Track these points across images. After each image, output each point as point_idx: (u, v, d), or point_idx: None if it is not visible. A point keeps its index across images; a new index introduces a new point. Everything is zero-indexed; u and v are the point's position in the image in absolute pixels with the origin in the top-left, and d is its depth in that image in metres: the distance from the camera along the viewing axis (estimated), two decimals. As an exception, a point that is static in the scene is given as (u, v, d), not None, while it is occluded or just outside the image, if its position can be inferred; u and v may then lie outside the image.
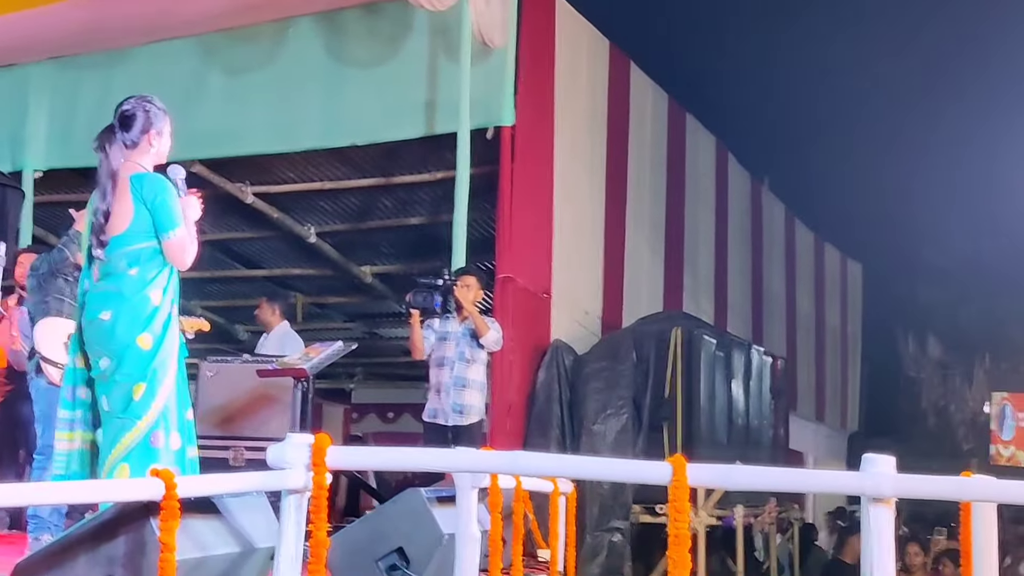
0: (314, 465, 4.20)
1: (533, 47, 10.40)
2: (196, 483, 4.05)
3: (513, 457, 4.38)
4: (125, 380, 5.23)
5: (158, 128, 5.53)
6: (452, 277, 9.00)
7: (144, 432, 5.20)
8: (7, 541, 8.07)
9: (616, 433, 10.09)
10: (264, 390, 8.90)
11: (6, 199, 10.46)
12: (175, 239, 5.32)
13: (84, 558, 3.99)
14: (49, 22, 10.18)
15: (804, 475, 4.86)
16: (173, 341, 5.38)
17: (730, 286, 15.47)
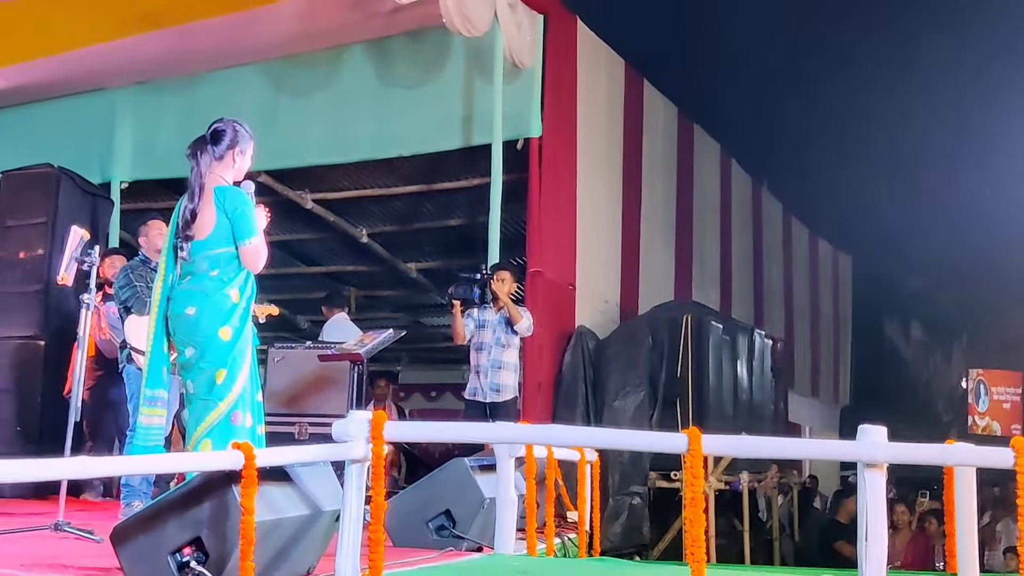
0: (373, 438, 4.28)
1: (557, 67, 10.41)
2: (271, 454, 4.11)
3: (546, 430, 4.44)
4: (209, 367, 5.31)
5: (242, 147, 5.60)
6: (488, 272, 9.05)
7: (225, 412, 5.28)
8: (102, 508, 8.16)
9: (634, 408, 10.10)
10: (324, 372, 8.95)
11: (96, 207, 10.49)
12: (251, 246, 5.39)
13: (174, 521, 4.05)
14: (134, 51, 10.23)
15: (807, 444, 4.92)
16: (249, 333, 5.46)
17: (734, 277, 15.44)
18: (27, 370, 9.56)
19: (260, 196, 11.44)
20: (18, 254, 9.90)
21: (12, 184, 10.20)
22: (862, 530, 3.88)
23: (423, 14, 9.30)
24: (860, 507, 3.96)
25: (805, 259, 19.38)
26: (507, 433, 4.57)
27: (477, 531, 5.89)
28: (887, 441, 3.91)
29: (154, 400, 5.46)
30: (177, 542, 4.03)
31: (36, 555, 5.00)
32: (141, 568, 4.05)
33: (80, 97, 11.53)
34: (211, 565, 3.98)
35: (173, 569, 4.01)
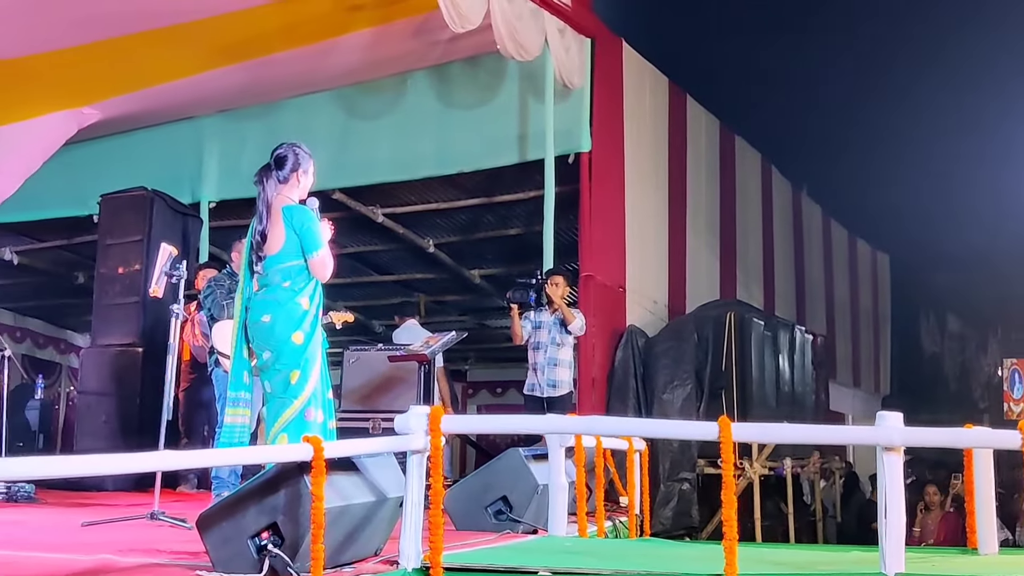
0: (431, 431, 4.35)
1: (605, 86, 10.43)
2: (338, 446, 4.19)
3: (590, 421, 4.49)
4: (284, 368, 5.44)
5: (304, 168, 5.73)
6: (543, 276, 9.13)
7: (299, 409, 5.39)
8: (196, 499, 8.33)
9: (682, 401, 10.09)
10: (395, 372, 9.05)
11: (187, 225, 10.71)
12: (318, 258, 5.51)
13: (253, 508, 4.14)
14: (218, 83, 10.35)
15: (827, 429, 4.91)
16: (319, 337, 5.58)
17: (776, 277, 15.33)
18: (127, 375, 9.81)
19: (335, 212, 11.77)
20: (117, 270, 10.16)
21: (111, 206, 10.47)
22: (881, 508, 3.88)
23: (479, 41, 9.35)
24: (879, 487, 3.96)
25: (844, 259, 19.19)
26: (555, 424, 4.63)
27: (532, 515, 5.94)
28: (903, 426, 3.91)
29: (236, 401, 5.60)
30: (256, 527, 4.12)
31: (132, 541, 5.14)
32: (224, 551, 4.15)
33: (171, 125, 11.74)
34: (286, 548, 4.07)
35: (252, 552, 4.11)
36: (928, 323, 23.81)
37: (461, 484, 6.25)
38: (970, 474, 4.86)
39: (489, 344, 16.75)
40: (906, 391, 21.58)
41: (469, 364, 18.97)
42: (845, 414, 18.22)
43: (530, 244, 11.19)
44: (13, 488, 7.72)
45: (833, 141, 19.79)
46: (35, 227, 13.36)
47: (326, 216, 5.77)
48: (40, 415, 12.97)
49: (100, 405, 9.84)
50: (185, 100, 10.91)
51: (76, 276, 14.74)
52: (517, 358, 12.79)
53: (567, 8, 9.86)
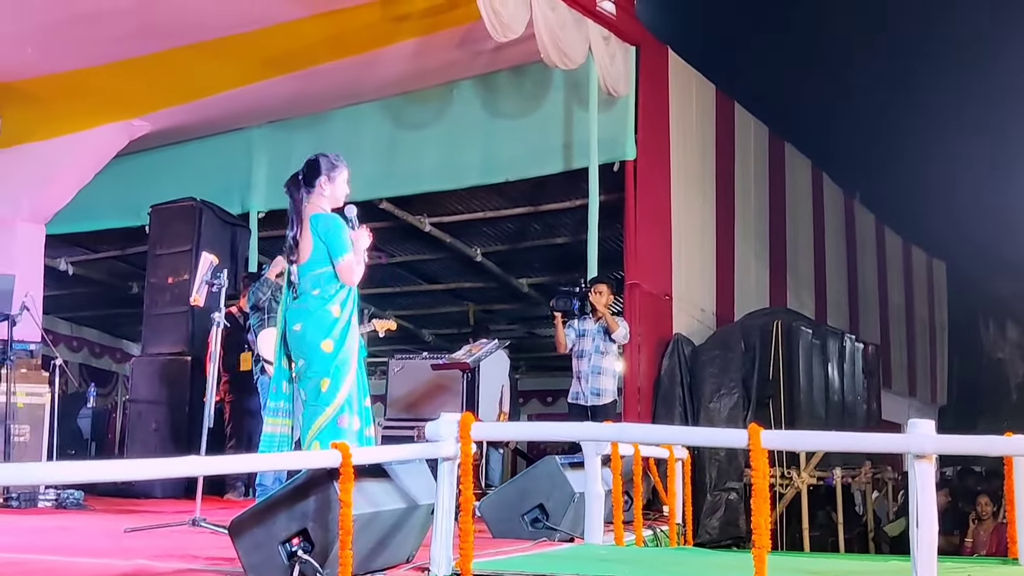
0: (461, 438, 4.36)
1: (650, 93, 10.41)
2: (367, 453, 4.21)
3: (623, 428, 4.49)
4: (315, 376, 5.49)
5: (331, 174, 5.78)
6: (587, 285, 9.13)
7: (332, 416, 5.43)
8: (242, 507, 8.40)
9: (729, 409, 10.02)
10: (439, 380, 9.12)
11: (235, 235, 10.84)
12: (344, 263, 5.56)
13: (284, 514, 4.16)
14: (266, 94, 10.47)
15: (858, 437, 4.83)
16: (352, 344, 5.59)
17: (828, 285, 15.16)
18: (176, 383, 9.94)
19: (383, 221, 11.84)
20: (167, 279, 10.32)
21: (160, 217, 10.64)
22: (913, 517, 3.83)
23: (524, 50, 9.37)
24: (911, 494, 3.91)
25: (899, 266, 18.93)
26: (587, 432, 4.62)
27: (568, 523, 5.93)
28: (935, 433, 3.86)
29: (276, 411, 5.66)
30: (287, 533, 4.15)
31: (170, 547, 5.20)
32: (255, 557, 4.18)
33: (220, 136, 11.87)
34: (316, 554, 4.09)
35: (283, 558, 4.13)
36: (987, 331, 23.43)
37: (497, 492, 6.26)
38: (1011, 483, 4.78)
39: (539, 353, 16.75)
40: (965, 400, 21.25)
41: (519, 373, 18.98)
42: (900, 424, 17.97)
43: (577, 253, 11.15)
44: (62, 495, 7.86)
45: (886, 147, 19.56)
46: (89, 238, 13.61)
47: (372, 225, 5.82)
48: (92, 423, 13.16)
49: (150, 413, 9.99)
50: (234, 111, 11.04)
51: (130, 286, 14.96)
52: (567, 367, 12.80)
53: (611, 16, 9.85)
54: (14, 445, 8.41)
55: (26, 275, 9.99)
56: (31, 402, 8.92)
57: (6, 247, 10.62)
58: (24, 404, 8.82)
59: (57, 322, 16.83)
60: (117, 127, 10.71)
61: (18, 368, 8.73)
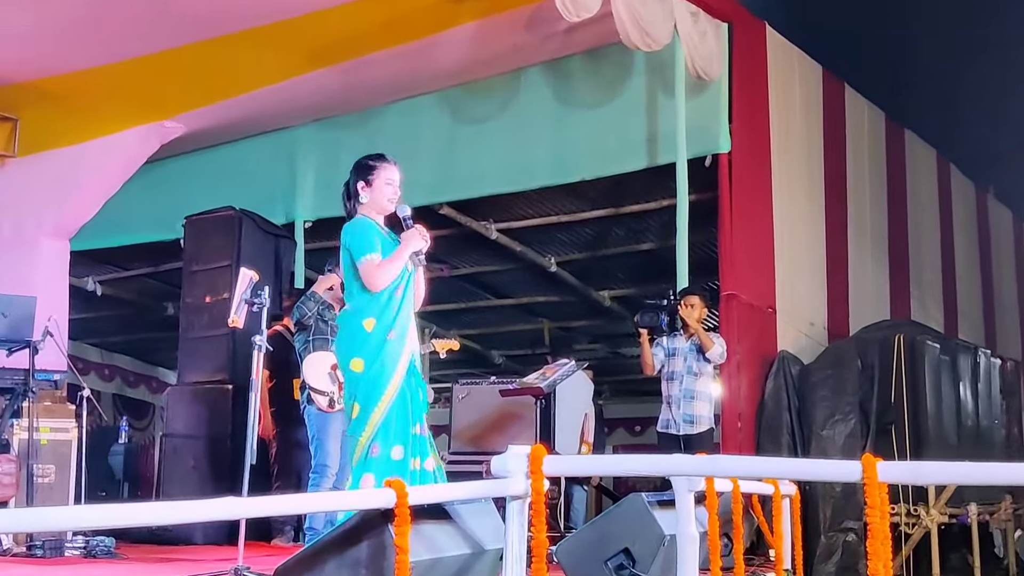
0: (532, 473, 4.34)
1: (746, 76, 10.32)
2: (425, 491, 4.23)
3: (714, 460, 4.43)
4: (348, 400, 5.56)
5: (365, 179, 5.86)
6: (676, 297, 9.09)
7: (365, 446, 5.46)
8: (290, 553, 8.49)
9: (844, 438, 9.87)
10: (510, 408, 9.15)
11: (279, 248, 10.97)
12: (363, 264, 5.62)
13: (333, 561, 4.20)
14: (312, 88, 10.59)
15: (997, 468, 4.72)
16: (390, 363, 5.57)
17: (959, 293, 14.90)
18: (216, 415, 10.06)
19: (443, 228, 11.90)
20: (204, 298, 10.47)
21: (196, 229, 10.80)
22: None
23: (600, 31, 9.37)
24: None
25: (1044, 270, 18.57)
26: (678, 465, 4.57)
27: (658, 569, 5.89)
28: (1082, 463, 3.77)
29: None
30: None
31: (209, 599, 5.27)
32: (303, 609, 4.22)
33: (260, 138, 12.05)
34: (371, 605, 4.12)
35: (335, 609, 4.17)
36: None
37: (575, 535, 6.25)
38: None
39: (625, 375, 16.70)
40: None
41: (603, 399, 18.91)
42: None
43: (665, 260, 11.10)
44: (92, 543, 7.98)
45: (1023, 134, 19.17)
46: (118, 254, 13.84)
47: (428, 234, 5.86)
48: (125, 461, 13.38)
49: (187, 449, 10.12)
50: (275, 109, 11.18)
51: (165, 307, 15.21)
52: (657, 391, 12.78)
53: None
54: (38, 487, 8.58)
55: (49, 297, 10.22)
56: (56, 439, 9.10)
57: (27, 266, 10.83)
58: (48, 441, 9.00)
59: (86, 348, 17.17)
60: (147, 130, 10.89)
61: (41, 401, 8.92)
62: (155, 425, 18.16)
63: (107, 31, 9.20)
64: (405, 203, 5.92)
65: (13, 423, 8.76)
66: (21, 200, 11.08)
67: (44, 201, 10.99)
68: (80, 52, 9.55)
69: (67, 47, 9.43)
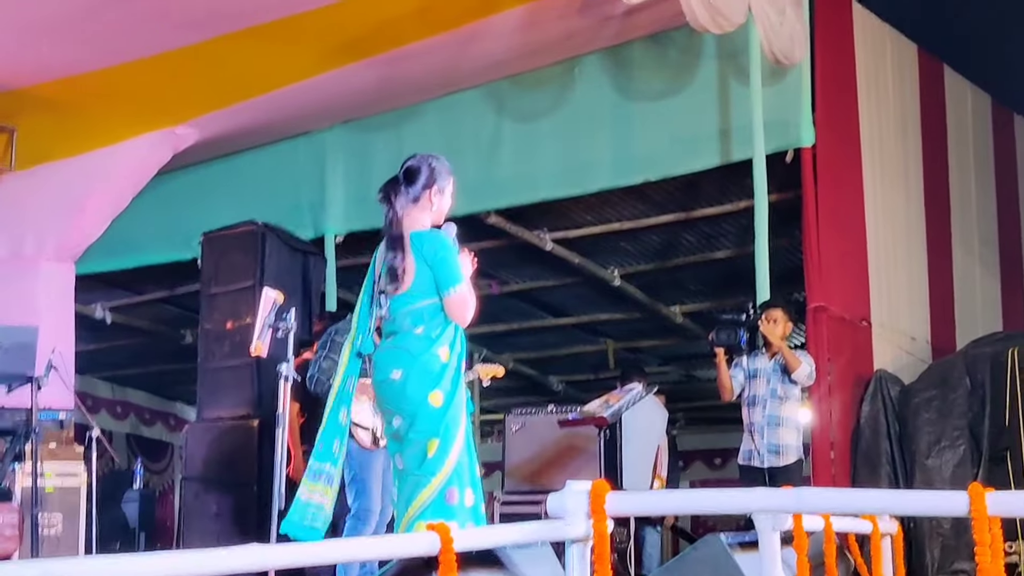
0: (593, 512, 4.33)
1: (831, 60, 10.26)
2: (473, 536, 4.20)
3: (799, 493, 4.37)
4: (419, 437, 5.54)
5: (440, 186, 5.85)
6: (757, 311, 9.04)
7: (438, 488, 5.47)
8: (327, 606, 8.52)
9: (953, 467, 9.79)
10: (570, 440, 9.13)
11: (307, 265, 11.03)
12: (456, 295, 5.59)
13: (372, 616, 4.22)
14: (341, 85, 10.64)
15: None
16: (462, 396, 5.66)
17: (1083, 299, 14.77)
18: (240, 455, 10.12)
19: (492, 239, 11.95)
20: (225, 324, 10.52)
21: (214, 246, 10.88)
22: None
23: (664, 13, 9.38)
24: None
25: None
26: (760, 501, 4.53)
27: (742, 621, 5.85)
28: None
29: (318, 474, 5.72)
30: (376, 640, 4.19)
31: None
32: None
33: (285, 144, 12.13)
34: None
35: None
36: None
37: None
38: None
39: (701, 401, 16.66)
40: None
41: (677, 429, 18.87)
42: None
43: (743, 269, 11.07)
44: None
45: None
46: (129, 277, 13.95)
47: (479, 245, 5.89)
48: (141, 507, 13.47)
49: (209, 493, 10.20)
50: (301, 110, 11.24)
51: (183, 335, 15.34)
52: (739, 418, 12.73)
53: (775, -37, 9.79)
54: (44, 539, 8.66)
55: (53, 326, 10.30)
56: (63, 485, 9.19)
57: (27, 292, 10.93)
58: (55, 488, 9.10)
59: (95, 383, 17.34)
60: (157, 137, 10.97)
61: (46, 443, 9.01)
62: (173, 467, 18.31)
63: (111, 29, 9.27)
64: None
65: (15, 468, 8.83)
66: (20, 218, 11.19)
67: (45, 219, 11.10)
68: (81, 53, 9.63)
69: (67, 48, 9.50)
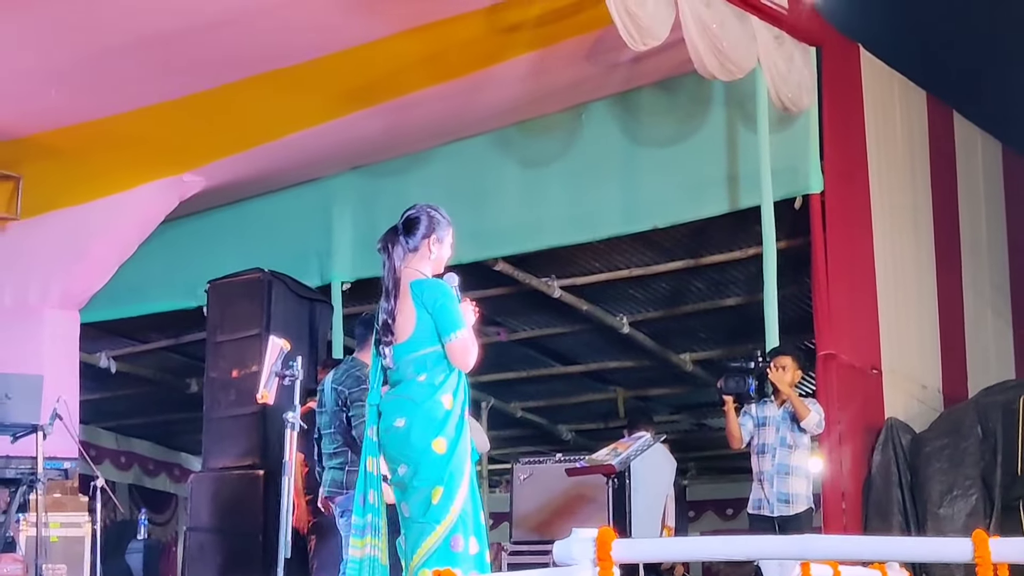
0: (599, 560, 4.40)
1: (839, 106, 10.35)
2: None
3: (801, 540, 4.45)
4: (423, 485, 5.59)
5: (439, 235, 5.93)
6: (765, 359, 9.08)
7: (443, 536, 5.53)
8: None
9: (965, 516, 9.79)
10: (579, 489, 9.17)
11: (314, 313, 11.06)
12: (458, 340, 5.67)
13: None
14: (349, 132, 10.74)
15: None
16: (466, 443, 5.72)
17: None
18: (246, 505, 10.12)
19: (499, 287, 12.01)
20: (231, 373, 10.55)
21: (220, 294, 10.93)
22: None
23: (672, 59, 9.46)
24: None
25: None
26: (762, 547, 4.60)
27: (749, 670, 5.91)
28: None
29: (362, 529, 5.78)
30: None
31: None
32: None
33: (291, 191, 12.23)
34: None
35: None
36: None
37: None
38: None
39: (712, 450, 16.67)
40: None
41: (688, 479, 18.86)
42: None
43: (753, 317, 11.10)
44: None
45: None
46: (134, 325, 14.06)
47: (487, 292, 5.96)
48: (145, 559, 13.47)
49: (214, 544, 10.22)
50: (308, 157, 11.36)
51: (188, 383, 15.36)
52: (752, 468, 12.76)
53: (782, 11, 9.87)
54: (48, 589, 8.68)
55: (58, 375, 10.38)
56: (67, 535, 9.25)
57: (32, 340, 11.00)
58: (59, 538, 9.15)
59: (99, 433, 17.36)
60: (164, 185, 11.10)
61: (50, 493, 9.04)
62: (178, 519, 18.31)
63: (118, 76, 9.40)
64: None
65: (19, 518, 8.84)
66: (25, 266, 11.28)
67: (50, 267, 11.21)
68: (89, 100, 9.76)
69: (74, 95, 9.63)
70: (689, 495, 19.26)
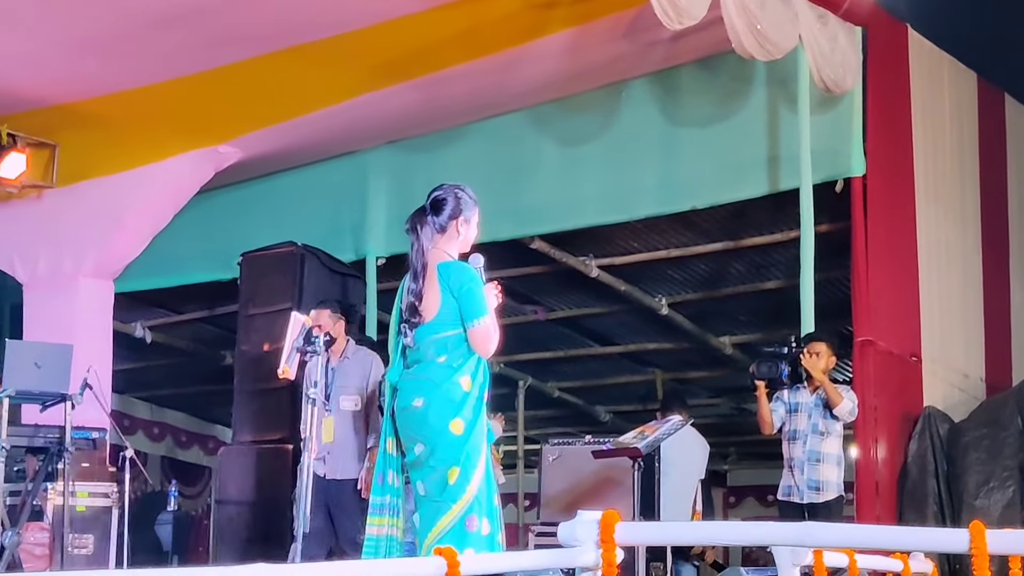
0: (603, 542, 4.54)
1: (884, 88, 10.34)
2: (480, 561, 4.40)
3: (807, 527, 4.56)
4: (440, 465, 5.77)
5: (467, 216, 6.09)
6: (799, 344, 9.15)
7: (459, 515, 5.71)
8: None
9: (1002, 508, 9.81)
10: (606, 472, 9.26)
11: (347, 288, 11.14)
12: (480, 327, 5.83)
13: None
14: (384, 107, 10.84)
15: None
16: (483, 426, 5.89)
17: None
18: (275, 479, 10.25)
19: (535, 265, 12.09)
20: (262, 346, 10.64)
21: (253, 267, 11.04)
22: None
23: (712, 38, 9.42)
24: None
25: None
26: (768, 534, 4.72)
27: (761, 656, 6.01)
28: None
29: (380, 507, 5.96)
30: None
31: None
32: None
33: (326, 164, 12.37)
34: None
35: None
36: None
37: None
38: None
39: (753, 435, 16.64)
40: None
41: (729, 463, 18.90)
42: None
43: (794, 300, 11.14)
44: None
45: None
46: (169, 296, 14.30)
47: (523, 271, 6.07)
48: (175, 530, 13.63)
49: (241, 518, 10.38)
50: (343, 131, 11.46)
51: (223, 355, 15.55)
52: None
53: (827, -12, 9.90)
54: (74, 559, 8.82)
55: (90, 344, 10.55)
56: (95, 504, 9.40)
57: (65, 310, 11.18)
58: (86, 508, 9.29)
59: (134, 403, 17.55)
60: (199, 156, 11.28)
61: (78, 462, 9.18)
62: (209, 491, 18.49)
63: (156, 47, 9.53)
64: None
65: (47, 487, 8.99)
66: (59, 235, 11.49)
67: (84, 236, 11.39)
68: (125, 70, 9.92)
69: (113, 65, 9.80)
70: (730, 481, 19.32)
